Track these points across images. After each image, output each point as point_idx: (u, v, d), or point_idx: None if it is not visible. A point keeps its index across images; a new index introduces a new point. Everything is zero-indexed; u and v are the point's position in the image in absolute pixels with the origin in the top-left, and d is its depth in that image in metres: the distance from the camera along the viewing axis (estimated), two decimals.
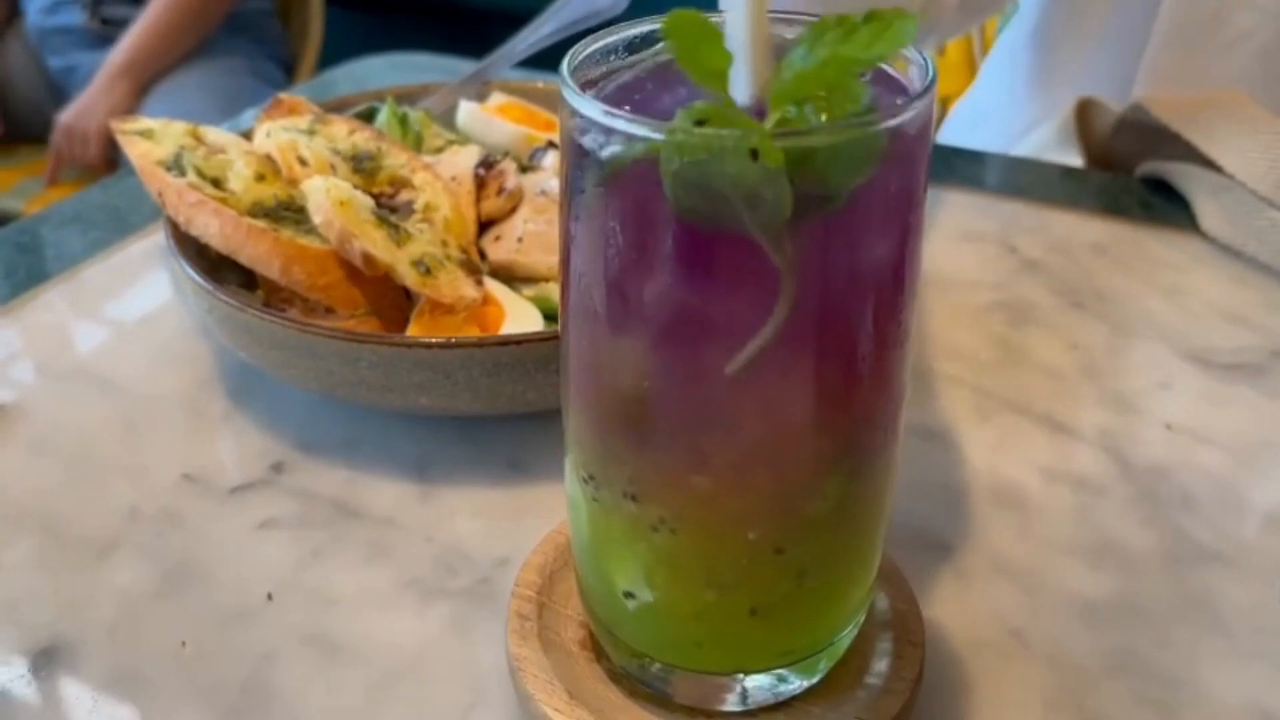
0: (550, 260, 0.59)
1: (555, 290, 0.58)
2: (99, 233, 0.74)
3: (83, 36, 1.86)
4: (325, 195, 0.55)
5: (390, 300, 0.57)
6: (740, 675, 0.38)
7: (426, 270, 0.55)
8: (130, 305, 0.67)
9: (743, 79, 0.30)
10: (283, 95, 0.71)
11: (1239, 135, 0.74)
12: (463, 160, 0.66)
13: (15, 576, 0.47)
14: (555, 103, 0.75)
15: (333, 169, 0.61)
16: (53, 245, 0.73)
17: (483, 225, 0.63)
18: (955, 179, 0.82)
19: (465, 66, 0.81)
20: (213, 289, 0.53)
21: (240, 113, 0.93)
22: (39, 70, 1.92)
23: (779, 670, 0.38)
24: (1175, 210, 0.76)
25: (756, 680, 0.38)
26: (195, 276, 0.54)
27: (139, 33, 1.73)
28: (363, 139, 0.65)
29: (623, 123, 0.30)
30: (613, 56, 0.34)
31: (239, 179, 0.59)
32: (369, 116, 0.72)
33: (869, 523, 0.37)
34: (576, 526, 0.39)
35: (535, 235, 0.60)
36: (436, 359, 0.50)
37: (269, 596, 0.46)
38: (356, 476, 0.53)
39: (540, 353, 0.50)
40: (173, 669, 0.43)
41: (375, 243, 0.55)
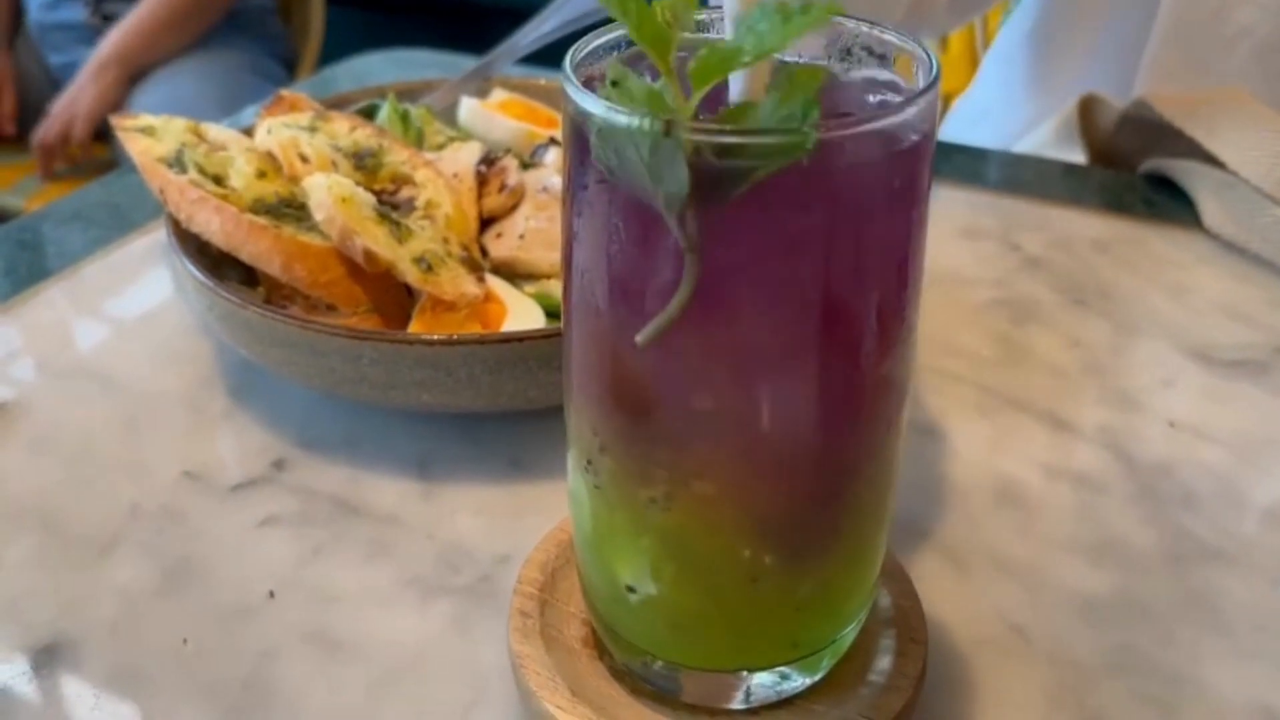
0: (552, 257, 0.59)
1: (557, 287, 0.58)
2: (100, 230, 0.74)
3: (83, 33, 1.86)
4: (327, 192, 0.55)
5: (392, 297, 0.57)
6: (743, 673, 0.38)
7: (428, 267, 0.55)
8: (131, 302, 0.67)
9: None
10: (284, 92, 0.70)
11: (1241, 132, 0.74)
12: (464, 157, 0.65)
13: (16, 574, 0.47)
14: (557, 99, 0.75)
15: (334, 166, 0.61)
16: (53, 242, 0.73)
17: (484, 222, 0.63)
18: (957, 176, 0.82)
19: (466, 63, 0.81)
20: (214, 286, 0.53)
21: (241, 109, 0.93)
22: (40, 67, 1.92)
23: (782, 668, 0.38)
24: (1178, 207, 0.76)
25: (759, 678, 0.38)
26: (196, 274, 0.54)
27: (130, 24, 1.74)
28: (364, 136, 0.65)
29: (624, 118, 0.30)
30: (615, 53, 0.34)
31: (240, 176, 0.59)
32: (370, 113, 0.72)
33: (871, 520, 0.37)
34: (579, 521, 0.39)
35: (537, 232, 0.60)
36: (438, 356, 0.50)
37: (270, 594, 0.46)
38: (358, 474, 0.53)
39: (542, 350, 0.50)
40: (174, 667, 0.43)
41: (377, 240, 0.55)
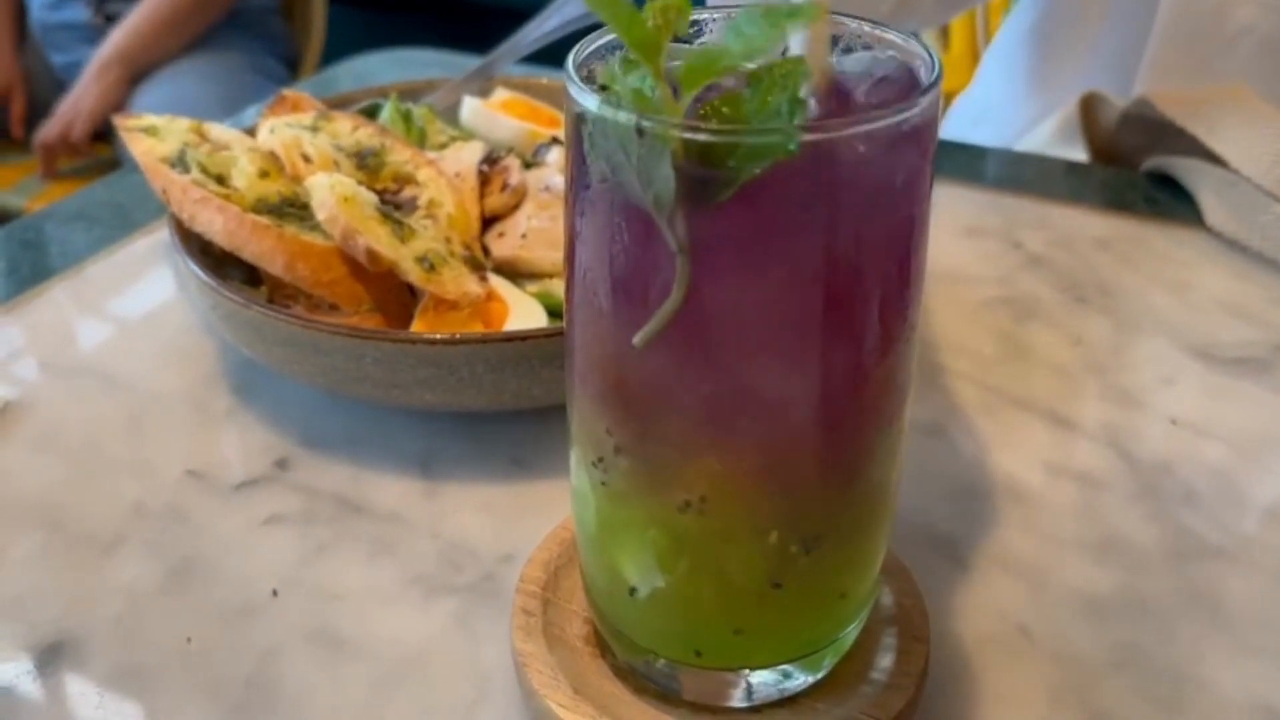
0: (554, 256, 0.59)
1: (559, 286, 0.58)
2: (103, 229, 0.74)
3: (86, 32, 1.86)
4: (329, 191, 0.55)
5: (394, 296, 0.57)
6: (745, 671, 0.38)
7: (430, 266, 0.55)
8: (134, 302, 0.67)
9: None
10: (286, 92, 0.71)
11: (1244, 129, 0.74)
12: (466, 156, 0.65)
13: (21, 573, 0.48)
14: (559, 98, 0.75)
15: (336, 165, 0.61)
16: (57, 242, 0.73)
17: (486, 221, 0.63)
18: (959, 174, 0.81)
19: (468, 62, 0.81)
20: (217, 285, 0.53)
21: (244, 109, 0.93)
22: (44, 66, 1.92)
23: (784, 666, 0.38)
24: (1180, 205, 0.76)
25: (761, 676, 0.38)
26: (199, 273, 0.54)
27: (131, 24, 1.75)
28: (366, 135, 0.65)
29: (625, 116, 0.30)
30: (618, 52, 0.34)
31: (243, 175, 0.59)
32: (372, 113, 0.72)
33: (874, 518, 0.37)
34: (583, 519, 0.39)
35: (539, 231, 0.60)
36: (440, 355, 0.50)
37: (274, 593, 0.46)
38: (361, 473, 0.53)
39: (544, 349, 0.50)
40: (178, 665, 0.43)
41: (379, 239, 0.55)
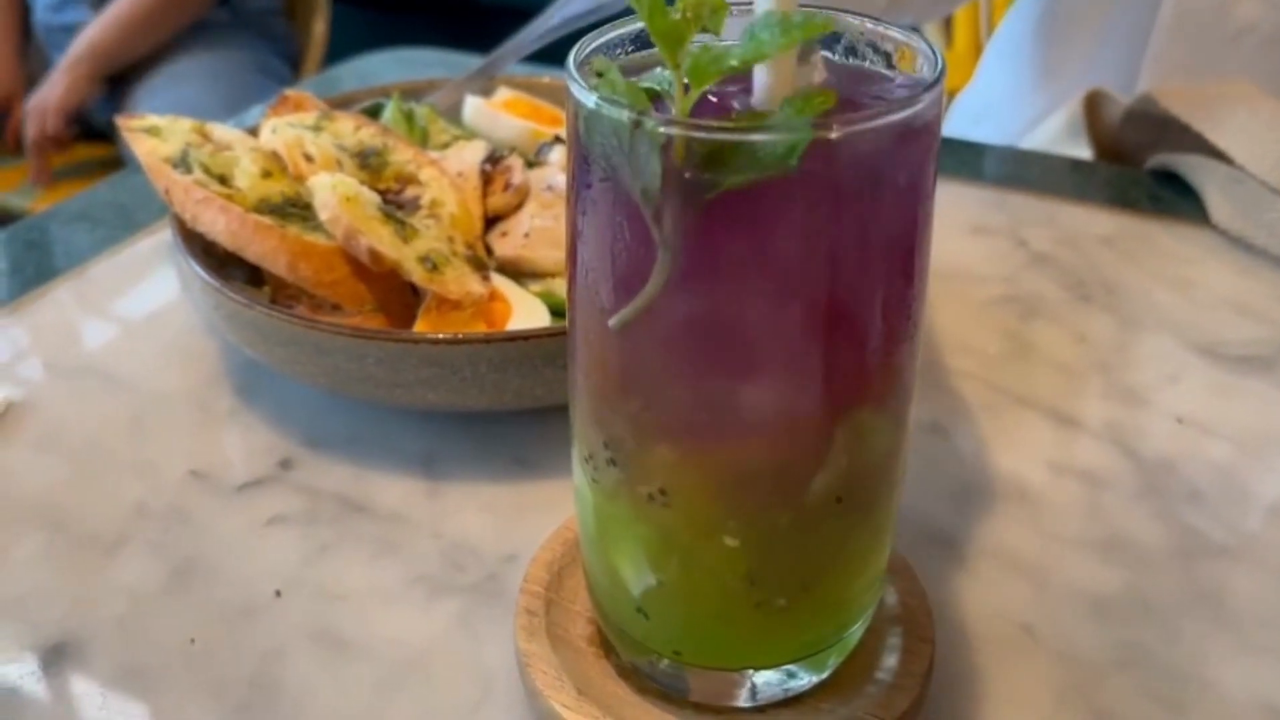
0: (557, 255, 0.59)
1: (562, 286, 0.58)
2: (106, 230, 0.74)
3: None
4: (331, 191, 0.55)
5: (397, 296, 0.57)
6: (749, 671, 0.38)
7: (433, 266, 0.55)
8: (137, 302, 0.67)
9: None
10: (289, 91, 0.70)
11: (1249, 126, 0.74)
12: (469, 156, 0.65)
13: (24, 573, 0.48)
14: (561, 98, 0.75)
15: (339, 165, 0.61)
16: (60, 242, 0.73)
17: (489, 221, 0.63)
18: (963, 172, 0.81)
19: (471, 62, 0.81)
20: (219, 286, 0.53)
21: (246, 109, 0.93)
22: (46, 67, 1.92)
23: (788, 666, 0.38)
24: (1185, 202, 0.76)
25: (765, 676, 0.38)
26: (202, 273, 0.54)
27: (102, 22, 1.76)
28: (369, 135, 0.65)
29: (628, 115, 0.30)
30: (619, 51, 0.34)
31: (245, 175, 0.59)
32: (375, 112, 0.72)
33: (877, 517, 0.37)
34: (584, 520, 0.39)
35: (542, 231, 0.60)
36: (443, 355, 0.50)
37: (277, 593, 0.46)
38: (363, 473, 0.53)
39: (547, 348, 0.50)
40: (181, 665, 0.43)
41: (382, 239, 0.55)
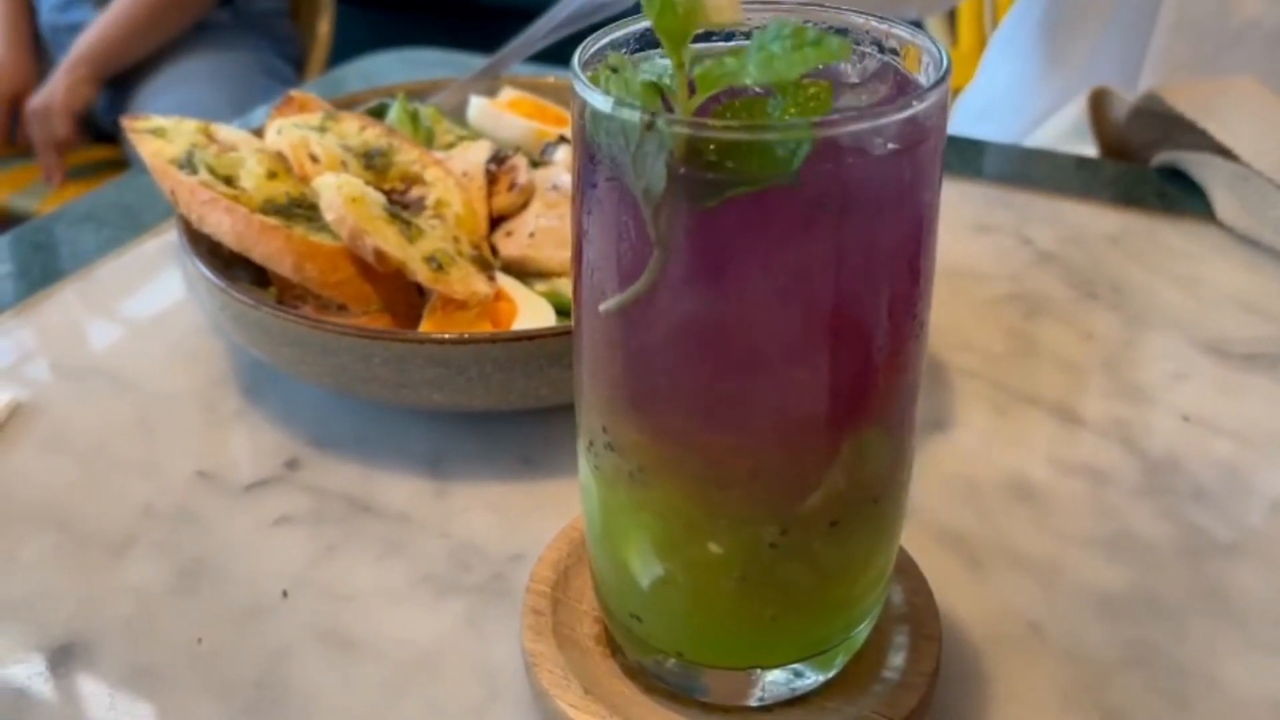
0: (562, 255, 0.59)
1: (567, 285, 0.58)
2: (112, 231, 0.74)
3: None
4: (337, 192, 0.55)
5: (402, 297, 0.57)
6: (756, 670, 0.38)
7: (438, 266, 0.55)
8: (144, 303, 0.68)
9: None
10: (294, 92, 0.71)
11: (1254, 123, 0.74)
12: (474, 156, 0.65)
13: (32, 574, 0.48)
14: (566, 97, 0.75)
15: (344, 166, 0.61)
16: (66, 244, 0.73)
17: (494, 221, 0.63)
18: (968, 170, 0.81)
19: (475, 62, 0.81)
20: (225, 287, 0.54)
21: (252, 110, 0.93)
22: (51, 67, 1.92)
23: (795, 665, 0.38)
24: (1191, 200, 0.75)
25: (772, 675, 0.38)
26: (208, 274, 0.54)
27: (101, 24, 1.77)
28: (374, 135, 0.65)
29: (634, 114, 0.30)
30: (624, 50, 0.34)
31: (251, 176, 0.59)
32: (380, 113, 0.72)
33: (884, 516, 0.37)
34: (589, 513, 0.39)
35: (547, 230, 0.60)
36: (449, 355, 0.50)
37: (284, 593, 0.46)
38: (370, 473, 0.53)
39: (552, 348, 0.50)
40: (189, 666, 0.43)
41: (387, 239, 0.55)
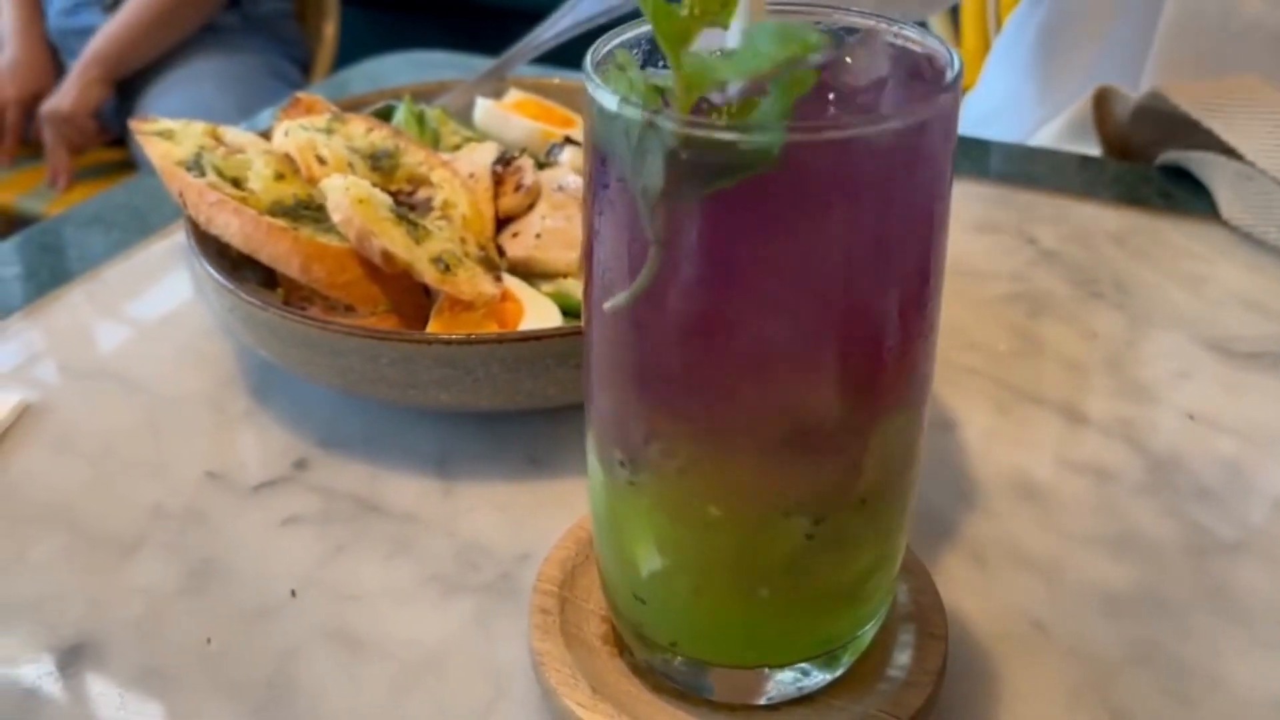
0: (569, 256, 0.60)
1: (574, 286, 0.58)
2: (120, 233, 0.74)
3: None
4: (344, 193, 0.55)
5: (410, 298, 0.57)
6: (763, 669, 0.38)
7: (445, 267, 0.55)
8: (152, 305, 0.68)
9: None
10: (300, 94, 0.71)
11: (1259, 122, 0.74)
12: (480, 157, 0.66)
13: (42, 575, 0.48)
14: (571, 99, 0.75)
15: (351, 167, 0.62)
16: (75, 246, 0.74)
17: (501, 222, 0.63)
18: (971, 170, 0.81)
19: (481, 64, 0.81)
20: (233, 288, 0.54)
21: (259, 112, 0.94)
22: (61, 71, 1.93)
23: (801, 664, 0.38)
24: (1195, 199, 0.76)
25: (779, 674, 0.38)
26: (216, 276, 0.55)
27: (112, 27, 1.78)
28: (380, 137, 0.65)
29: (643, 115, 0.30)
30: (636, 51, 0.34)
31: (258, 178, 0.60)
32: (386, 115, 0.72)
33: (889, 515, 0.37)
34: (596, 508, 0.39)
35: (553, 231, 0.61)
36: (456, 355, 0.50)
37: (292, 593, 0.47)
38: (378, 473, 0.53)
39: (559, 348, 0.50)
40: (198, 666, 0.43)
41: (394, 240, 0.55)
